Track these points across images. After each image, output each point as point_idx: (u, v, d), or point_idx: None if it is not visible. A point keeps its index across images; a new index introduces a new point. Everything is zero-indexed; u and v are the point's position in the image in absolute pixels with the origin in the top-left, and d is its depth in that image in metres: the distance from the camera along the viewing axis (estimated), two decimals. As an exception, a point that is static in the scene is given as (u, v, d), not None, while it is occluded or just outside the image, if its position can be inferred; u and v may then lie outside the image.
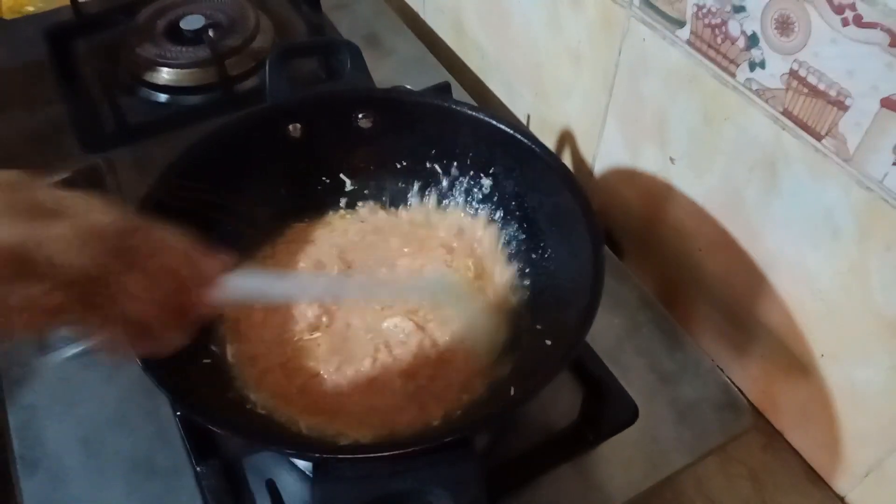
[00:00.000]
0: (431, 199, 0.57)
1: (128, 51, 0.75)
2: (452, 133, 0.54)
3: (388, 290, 0.51)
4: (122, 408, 0.50)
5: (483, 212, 0.55)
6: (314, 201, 0.56)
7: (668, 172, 0.55)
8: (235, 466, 0.47)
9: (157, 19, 0.78)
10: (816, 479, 0.50)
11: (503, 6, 0.69)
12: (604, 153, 0.62)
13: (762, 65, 0.43)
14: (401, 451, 0.38)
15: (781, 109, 0.43)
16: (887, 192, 0.38)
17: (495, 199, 0.55)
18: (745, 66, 0.44)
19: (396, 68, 0.77)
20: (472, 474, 0.36)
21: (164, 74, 0.73)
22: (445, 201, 0.57)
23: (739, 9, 0.43)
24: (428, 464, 0.36)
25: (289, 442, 0.40)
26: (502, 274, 0.52)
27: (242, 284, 0.36)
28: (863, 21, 0.37)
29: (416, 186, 0.57)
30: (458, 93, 0.74)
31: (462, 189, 0.56)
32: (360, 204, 0.57)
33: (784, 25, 0.41)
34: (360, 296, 0.50)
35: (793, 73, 0.41)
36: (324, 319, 0.49)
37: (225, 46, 0.74)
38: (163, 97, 0.73)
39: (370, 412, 0.45)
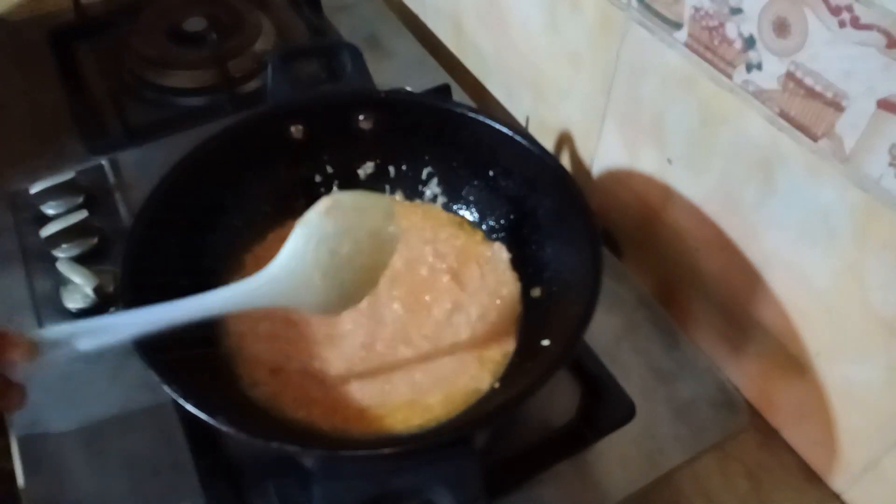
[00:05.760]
0: (430, 198, 0.57)
1: (130, 52, 0.76)
2: (452, 134, 0.54)
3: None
4: (126, 406, 0.50)
5: (482, 212, 0.56)
6: (315, 200, 0.57)
7: (666, 173, 0.55)
8: (237, 464, 0.47)
9: (160, 21, 0.78)
10: (813, 477, 0.50)
11: (502, 9, 0.70)
12: (602, 154, 0.63)
13: (759, 66, 0.43)
14: (402, 449, 0.39)
15: (778, 111, 0.43)
16: (884, 193, 0.39)
17: (494, 199, 0.55)
18: (741, 67, 0.45)
19: (397, 70, 0.77)
20: (471, 472, 0.37)
21: (167, 76, 0.74)
22: (444, 201, 0.57)
23: (736, 11, 0.44)
24: (428, 461, 0.37)
25: (290, 439, 0.41)
26: (502, 273, 0.53)
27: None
28: (860, 23, 0.37)
29: (415, 187, 0.58)
30: (458, 95, 0.74)
31: (461, 190, 0.57)
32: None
33: (781, 27, 0.41)
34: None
35: (789, 75, 0.42)
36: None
37: (227, 48, 0.74)
38: (166, 99, 0.74)
39: (372, 412, 0.45)
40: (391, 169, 0.57)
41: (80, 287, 0.55)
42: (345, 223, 0.40)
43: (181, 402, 0.37)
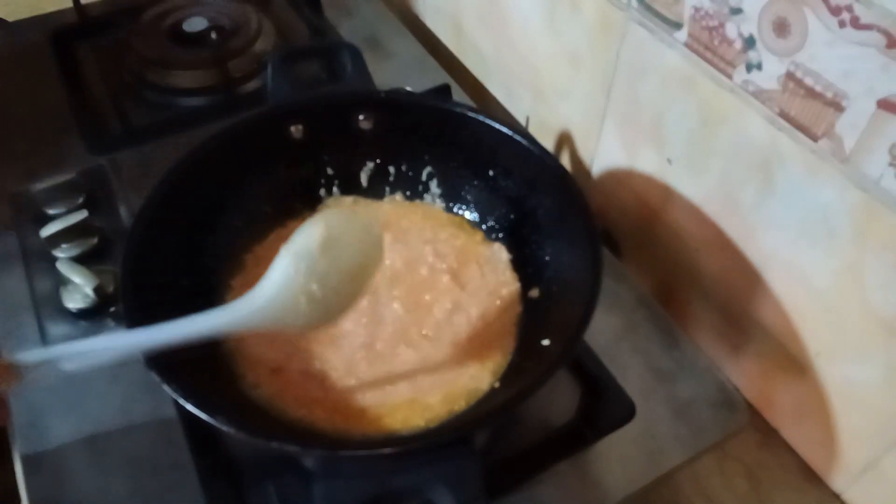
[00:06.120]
0: (431, 198, 0.58)
1: (131, 53, 0.76)
2: (452, 134, 0.54)
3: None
4: (127, 406, 0.50)
5: (482, 212, 0.56)
6: (316, 200, 0.57)
7: (666, 173, 0.55)
8: (237, 464, 0.47)
9: (161, 22, 0.79)
10: (812, 477, 0.50)
11: (502, 9, 0.70)
12: (602, 154, 0.63)
13: (759, 67, 0.44)
14: (402, 449, 0.39)
15: (778, 111, 0.43)
16: (883, 193, 0.39)
17: (494, 199, 0.55)
18: (741, 67, 0.45)
19: (397, 70, 0.77)
20: (471, 471, 0.37)
21: (168, 76, 0.74)
22: (445, 202, 0.57)
23: (736, 11, 0.44)
24: (429, 461, 0.37)
25: (290, 439, 0.41)
26: (502, 273, 0.53)
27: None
28: (859, 23, 0.37)
29: (415, 187, 0.58)
30: (458, 95, 0.74)
31: (461, 190, 0.57)
32: (361, 202, 0.58)
33: (781, 27, 0.41)
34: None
35: (789, 75, 0.42)
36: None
37: (227, 48, 0.74)
38: (166, 99, 0.74)
39: (372, 412, 0.45)
40: (391, 169, 0.57)
41: (80, 287, 0.55)
42: (334, 248, 0.40)
43: (181, 402, 0.37)
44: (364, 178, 0.58)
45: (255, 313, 0.39)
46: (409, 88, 0.69)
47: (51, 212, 0.61)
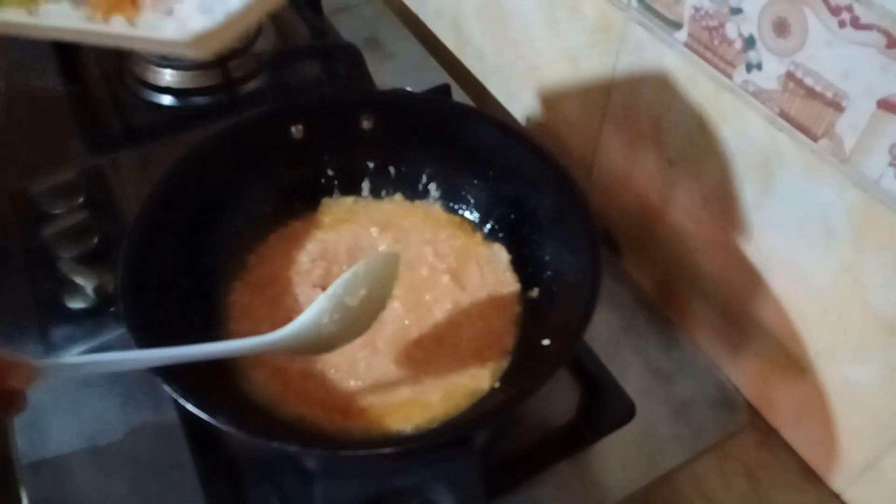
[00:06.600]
0: (432, 198, 0.58)
1: (132, 53, 0.76)
2: (452, 134, 0.54)
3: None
4: (127, 406, 0.50)
5: (482, 212, 0.56)
6: (316, 200, 0.57)
7: (665, 173, 0.55)
8: (237, 464, 0.47)
9: (160, 21, 0.79)
10: (812, 477, 0.50)
11: (502, 9, 0.70)
12: (602, 154, 0.63)
13: (759, 67, 0.44)
14: (402, 449, 0.39)
15: (778, 111, 0.43)
16: (883, 193, 0.39)
17: (494, 199, 0.55)
18: (741, 68, 0.45)
19: (397, 71, 0.77)
20: (471, 471, 0.37)
21: (168, 76, 0.74)
22: (445, 202, 0.57)
23: (736, 11, 0.44)
24: (428, 461, 0.37)
25: (290, 439, 0.41)
26: (502, 273, 0.53)
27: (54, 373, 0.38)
28: (859, 23, 0.37)
29: (415, 187, 0.58)
30: (458, 95, 0.74)
31: (461, 190, 0.57)
32: (361, 203, 0.58)
33: (781, 27, 0.41)
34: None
35: (789, 75, 0.42)
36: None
37: (227, 49, 0.74)
38: (166, 99, 0.74)
39: (373, 411, 0.45)
40: (391, 169, 0.58)
41: (80, 287, 0.55)
42: (368, 299, 0.44)
43: (181, 401, 0.37)
44: (364, 179, 0.58)
45: (284, 342, 0.42)
46: (409, 88, 0.69)
47: (51, 212, 0.61)
